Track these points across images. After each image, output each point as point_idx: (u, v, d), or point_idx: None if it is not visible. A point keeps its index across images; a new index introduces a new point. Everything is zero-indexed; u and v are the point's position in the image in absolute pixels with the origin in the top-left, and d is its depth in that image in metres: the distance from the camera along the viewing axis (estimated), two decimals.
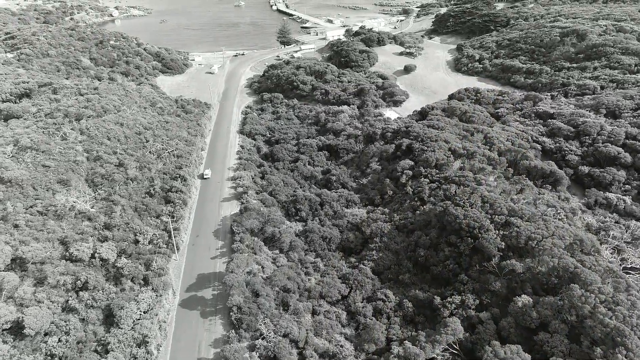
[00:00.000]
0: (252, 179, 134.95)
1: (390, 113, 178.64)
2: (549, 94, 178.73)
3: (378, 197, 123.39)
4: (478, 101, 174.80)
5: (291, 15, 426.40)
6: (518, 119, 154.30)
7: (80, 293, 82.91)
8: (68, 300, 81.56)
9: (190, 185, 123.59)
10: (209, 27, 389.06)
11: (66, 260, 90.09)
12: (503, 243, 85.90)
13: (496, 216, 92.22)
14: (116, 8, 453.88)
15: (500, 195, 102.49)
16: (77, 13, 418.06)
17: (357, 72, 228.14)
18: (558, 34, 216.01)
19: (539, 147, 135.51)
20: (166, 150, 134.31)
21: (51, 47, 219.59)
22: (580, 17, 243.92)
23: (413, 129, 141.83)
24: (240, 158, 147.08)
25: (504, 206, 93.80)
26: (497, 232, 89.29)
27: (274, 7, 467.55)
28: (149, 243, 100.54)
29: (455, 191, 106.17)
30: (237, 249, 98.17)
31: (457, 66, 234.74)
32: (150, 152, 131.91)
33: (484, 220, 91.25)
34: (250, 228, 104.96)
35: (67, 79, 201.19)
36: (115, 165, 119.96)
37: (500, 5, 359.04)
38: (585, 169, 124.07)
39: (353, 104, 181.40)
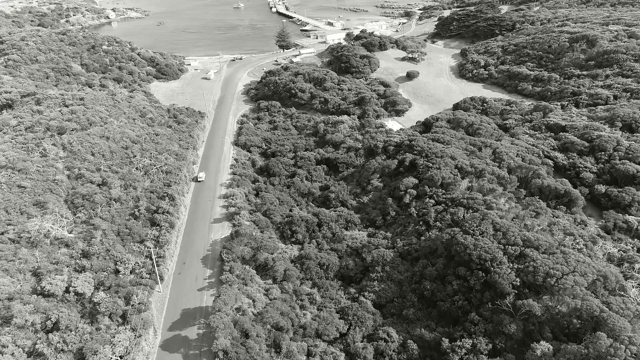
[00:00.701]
0: (246, 196, 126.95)
1: (393, 123, 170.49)
2: (558, 103, 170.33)
3: (380, 218, 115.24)
4: (484, 111, 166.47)
5: (291, 17, 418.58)
6: (527, 132, 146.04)
7: (50, 335, 74.79)
8: (36, 344, 73.43)
9: (178, 205, 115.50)
10: (206, 30, 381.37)
11: (37, 294, 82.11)
12: (518, 279, 77.75)
13: (510, 247, 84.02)
14: (113, 10, 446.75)
15: (512, 221, 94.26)
16: (73, 15, 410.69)
17: (358, 78, 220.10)
18: (567, 40, 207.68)
19: (550, 163, 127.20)
20: (154, 166, 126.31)
21: (40, 52, 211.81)
22: (589, 21, 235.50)
23: (417, 143, 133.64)
24: (234, 173, 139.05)
25: (518, 235, 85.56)
26: (511, 265, 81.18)
27: (274, 9, 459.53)
28: (131, 273, 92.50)
29: (463, 216, 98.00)
30: (226, 280, 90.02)
31: (462, 72, 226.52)
32: (137, 168, 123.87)
33: (496, 251, 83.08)
34: (241, 256, 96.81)
35: (56, 85, 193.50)
36: (97, 185, 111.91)
37: (504, 8, 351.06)
38: (602, 188, 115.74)
39: (353, 114, 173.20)
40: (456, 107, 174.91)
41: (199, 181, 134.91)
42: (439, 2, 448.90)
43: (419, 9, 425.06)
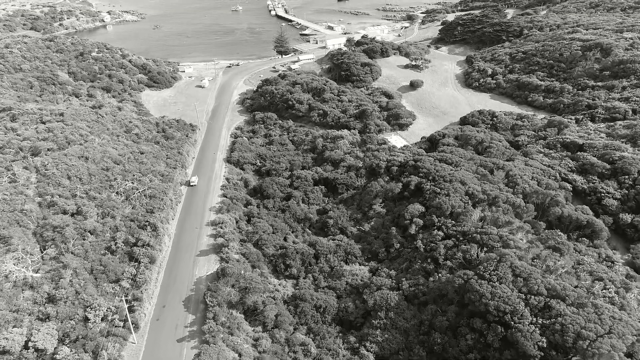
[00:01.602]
0: (237, 222, 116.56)
1: (396, 139, 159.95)
2: (572, 117, 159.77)
3: (383, 250, 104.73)
4: (494, 126, 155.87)
5: (290, 21, 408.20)
6: (542, 150, 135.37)
7: None
8: None
9: (161, 235, 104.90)
10: (203, 34, 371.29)
11: None
12: (544, 339, 67.15)
13: (532, 297, 73.48)
14: (109, 13, 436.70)
15: (533, 262, 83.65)
16: (67, 19, 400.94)
17: (359, 87, 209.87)
18: (579, 48, 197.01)
19: (569, 187, 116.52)
20: (137, 189, 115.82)
21: (25, 60, 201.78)
22: (601, 28, 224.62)
23: (423, 164, 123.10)
24: (224, 195, 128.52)
25: (541, 283, 74.94)
26: (535, 319, 70.64)
27: (273, 13, 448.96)
28: (102, 320, 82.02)
29: (477, 254, 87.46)
30: (209, 330, 79.43)
31: (468, 81, 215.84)
32: (117, 192, 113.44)
33: (516, 302, 72.52)
34: (227, 299, 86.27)
35: (40, 96, 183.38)
36: (71, 214, 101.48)
37: (510, 12, 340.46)
38: (628, 217, 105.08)
39: (354, 128, 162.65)
40: (463, 121, 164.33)
41: (192, 185, 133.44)
42: (442, 6, 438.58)
43: (422, 13, 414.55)
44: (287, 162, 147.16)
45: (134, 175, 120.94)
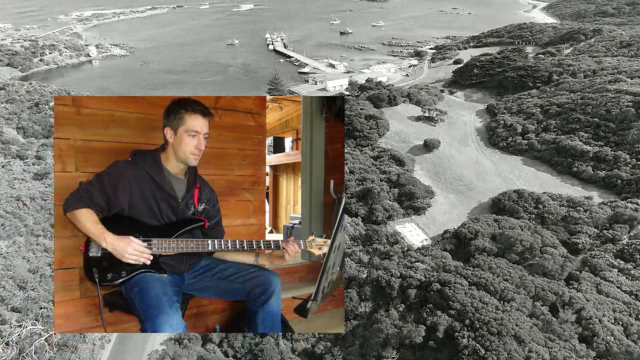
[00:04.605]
0: None
1: (411, 229, 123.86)
2: (638, 201, 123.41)
3: None
4: (540, 217, 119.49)
5: (289, 57, 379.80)
6: (614, 263, 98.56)
7: None
8: None
9: None
10: (193, 72, 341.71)
11: None
12: None
13: None
14: (96, 47, 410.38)
15: None
16: (49, 53, 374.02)
17: (363, 146, 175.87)
18: (630, 104, 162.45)
19: None
20: (39, 335, 79.25)
21: None
22: None
23: (454, 293, 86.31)
24: None
25: None
26: None
27: (271, 47, 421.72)
28: None
29: None
30: None
31: (492, 139, 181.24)
32: (7, 343, 76.91)
33: None
34: None
35: None
36: None
37: (529, 50, 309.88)
38: None
39: (356, 215, 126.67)
40: (497, 205, 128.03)
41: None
42: (452, 40, 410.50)
43: (430, 48, 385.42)
44: None
45: (41, 308, 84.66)
